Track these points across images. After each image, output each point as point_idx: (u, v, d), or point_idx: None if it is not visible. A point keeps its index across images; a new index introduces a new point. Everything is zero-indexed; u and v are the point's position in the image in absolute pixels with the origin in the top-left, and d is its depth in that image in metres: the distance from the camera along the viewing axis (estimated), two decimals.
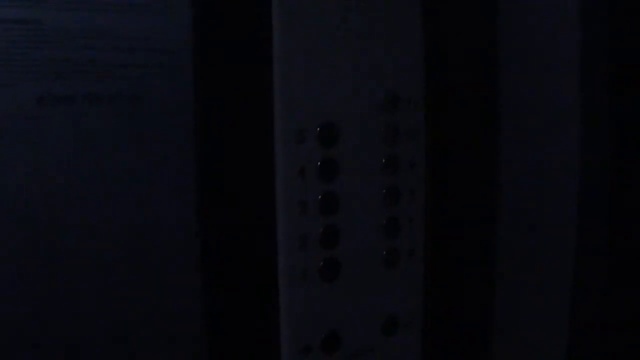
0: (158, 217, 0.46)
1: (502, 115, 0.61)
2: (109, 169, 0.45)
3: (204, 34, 0.47)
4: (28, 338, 0.44)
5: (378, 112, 0.53)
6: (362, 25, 0.51)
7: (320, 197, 0.50)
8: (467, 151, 0.60)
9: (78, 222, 0.44)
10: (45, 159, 0.43)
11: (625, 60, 0.57)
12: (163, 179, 0.47)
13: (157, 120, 0.46)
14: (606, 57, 0.57)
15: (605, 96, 0.58)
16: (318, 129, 0.50)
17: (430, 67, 0.55)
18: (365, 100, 0.52)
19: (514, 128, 0.61)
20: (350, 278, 0.52)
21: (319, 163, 0.50)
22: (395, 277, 0.55)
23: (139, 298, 0.46)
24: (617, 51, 0.57)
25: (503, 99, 0.61)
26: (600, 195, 0.59)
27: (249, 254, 0.49)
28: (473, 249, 0.61)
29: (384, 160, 0.53)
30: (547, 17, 0.59)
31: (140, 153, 0.46)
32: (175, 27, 0.46)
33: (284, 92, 0.48)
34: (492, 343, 0.63)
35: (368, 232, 0.53)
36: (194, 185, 0.47)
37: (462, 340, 0.62)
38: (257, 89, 0.48)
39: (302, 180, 0.49)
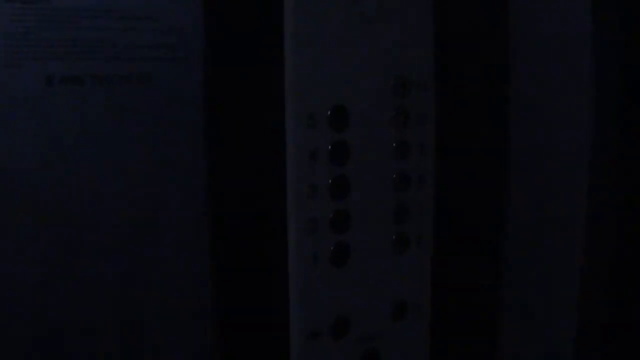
0: (167, 199, 0.46)
1: (512, 101, 0.60)
2: (118, 150, 0.45)
3: (215, 14, 0.46)
4: (36, 325, 0.43)
5: (388, 96, 0.52)
6: (372, 8, 0.51)
7: (330, 181, 0.50)
8: (477, 137, 0.59)
9: (87, 204, 0.44)
10: (54, 140, 0.43)
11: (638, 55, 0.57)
12: (172, 160, 0.46)
13: (167, 101, 0.46)
14: (620, 49, 0.57)
15: (618, 87, 0.58)
16: (329, 112, 0.49)
17: (440, 52, 0.55)
18: (375, 84, 0.52)
19: (524, 114, 0.60)
20: (359, 263, 0.52)
21: (329, 147, 0.49)
22: (405, 262, 0.55)
23: (147, 282, 0.46)
24: (631, 44, 0.57)
25: (513, 85, 0.60)
26: (610, 191, 0.59)
27: (259, 238, 0.49)
28: (481, 234, 0.61)
29: (394, 145, 0.53)
30: (560, 5, 0.58)
31: (149, 134, 0.45)
32: (186, 7, 0.46)
33: (295, 75, 0.48)
34: (499, 328, 0.63)
35: (378, 217, 0.53)
36: (204, 168, 0.47)
37: (470, 325, 0.62)
38: (268, 72, 0.48)
39: (313, 164, 0.49)
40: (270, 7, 0.47)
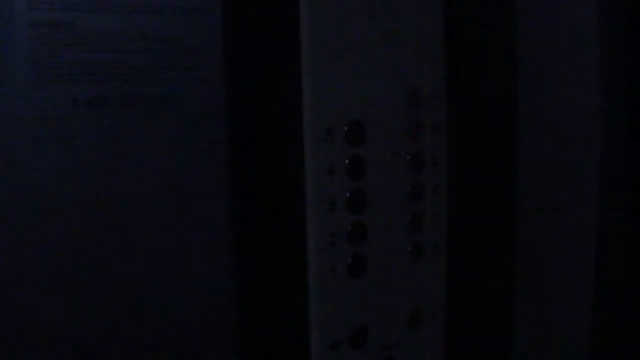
0: (191, 218, 0.47)
1: (523, 110, 0.61)
2: (142, 171, 0.46)
3: (234, 34, 0.47)
4: (60, 331, 0.44)
5: (402, 109, 0.53)
6: (386, 23, 0.52)
7: (348, 194, 0.51)
8: (488, 146, 0.60)
9: (111, 224, 0.45)
10: (80, 161, 0.44)
11: None
12: (195, 179, 0.47)
13: (189, 121, 0.47)
14: (627, 53, 0.58)
15: (625, 91, 0.58)
16: (346, 127, 0.50)
17: (452, 64, 0.56)
18: (390, 97, 0.53)
19: (534, 123, 0.61)
20: (377, 273, 0.53)
21: (347, 161, 0.51)
22: (420, 271, 0.55)
23: (171, 297, 0.47)
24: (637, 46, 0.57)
25: (523, 94, 0.61)
26: (620, 190, 0.59)
27: (279, 251, 0.50)
28: (494, 241, 0.62)
29: (408, 157, 0.54)
30: (567, 13, 0.59)
31: (172, 154, 0.46)
32: (206, 27, 0.47)
33: (312, 91, 0.49)
34: (514, 334, 0.64)
35: (394, 228, 0.54)
36: (226, 184, 0.48)
37: (484, 332, 0.62)
38: (287, 89, 0.49)
39: (330, 179, 0.50)
40: (287, 24, 0.48)
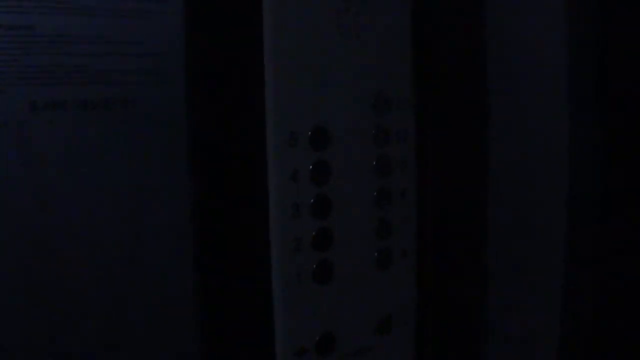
0: (152, 221, 0.47)
1: (492, 114, 0.61)
2: (102, 174, 0.45)
3: (196, 38, 0.47)
4: (21, 340, 0.44)
5: (369, 114, 0.53)
6: (352, 28, 0.52)
7: (312, 200, 0.50)
8: (457, 151, 0.60)
9: (71, 228, 0.44)
10: (38, 165, 0.43)
11: (613, 55, 0.57)
12: (156, 183, 0.47)
13: (150, 125, 0.46)
14: (594, 54, 0.58)
15: (593, 94, 0.58)
16: (310, 132, 0.50)
17: (419, 68, 0.56)
18: (355, 102, 0.52)
19: (504, 126, 0.61)
20: (343, 279, 0.53)
21: (311, 166, 0.50)
22: (389, 277, 0.55)
23: (133, 303, 0.47)
24: (605, 47, 0.57)
25: (492, 98, 0.61)
26: (590, 195, 0.59)
27: (243, 257, 0.49)
28: (465, 247, 0.62)
29: (375, 162, 0.54)
30: (535, 15, 0.59)
31: (133, 158, 0.46)
32: (167, 31, 0.46)
33: (275, 96, 0.48)
34: (485, 340, 0.63)
35: (361, 234, 0.53)
36: (188, 189, 0.47)
37: (456, 338, 0.62)
38: (249, 94, 0.48)
39: (294, 184, 0.50)
40: (251, 29, 0.48)
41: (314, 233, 0.51)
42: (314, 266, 0.51)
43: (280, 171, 0.49)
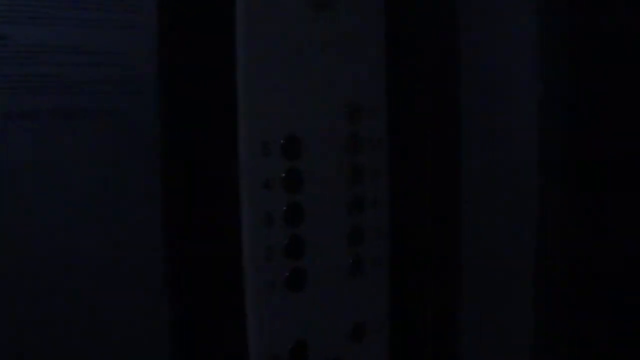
0: (123, 231, 0.47)
1: (464, 121, 0.62)
2: (75, 184, 0.45)
3: (169, 48, 0.47)
4: None
5: (341, 122, 0.54)
6: (323, 37, 0.52)
7: (285, 208, 0.51)
8: (430, 158, 0.61)
9: (44, 237, 0.45)
10: (11, 174, 0.43)
11: (584, 57, 0.58)
12: (129, 193, 0.47)
13: (123, 134, 0.46)
14: (564, 60, 0.59)
15: (564, 101, 0.59)
16: (282, 141, 0.50)
17: (391, 76, 0.56)
18: (327, 111, 0.53)
19: (476, 133, 0.62)
20: (316, 288, 0.53)
21: (283, 175, 0.51)
22: (361, 285, 0.56)
23: (104, 311, 0.47)
24: (575, 49, 0.58)
25: (464, 105, 0.62)
26: (560, 198, 0.60)
27: (215, 265, 0.50)
28: (438, 254, 0.62)
29: (347, 170, 0.54)
30: (506, 22, 0.60)
31: (106, 167, 0.46)
32: (140, 41, 0.47)
33: (247, 105, 0.49)
34: (458, 348, 0.64)
35: (333, 242, 0.54)
36: (160, 198, 0.48)
37: (429, 345, 0.63)
38: (222, 103, 0.49)
39: (267, 192, 0.50)
40: (223, 37, 0.49)
41: (286, 241, 0.51)
42: (287, 274, 0.51)
43: (252, 179, 0.49)
